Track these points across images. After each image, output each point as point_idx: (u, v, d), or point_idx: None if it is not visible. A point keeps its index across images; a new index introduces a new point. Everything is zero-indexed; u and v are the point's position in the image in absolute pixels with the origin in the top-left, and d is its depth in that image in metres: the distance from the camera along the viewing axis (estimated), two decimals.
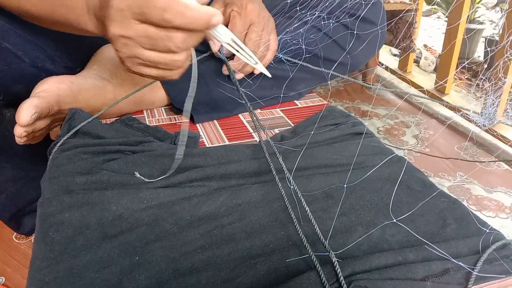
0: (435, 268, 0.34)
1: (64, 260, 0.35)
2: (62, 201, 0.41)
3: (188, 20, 0.37)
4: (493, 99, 0.45)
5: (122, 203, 0.41)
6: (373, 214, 0.42)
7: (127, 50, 0.40)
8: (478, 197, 0.97)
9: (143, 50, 0.39)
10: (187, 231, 0.39)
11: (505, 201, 0.95)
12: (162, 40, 0.38)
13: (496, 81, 0.45)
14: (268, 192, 0.45)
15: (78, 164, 0.46)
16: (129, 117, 0.60)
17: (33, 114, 0.50)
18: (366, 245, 0.38)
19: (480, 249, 0.37)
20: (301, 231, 0.38)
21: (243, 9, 0.62)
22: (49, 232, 0.38)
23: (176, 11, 0.36)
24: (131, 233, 0.39)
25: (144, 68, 0.42)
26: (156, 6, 0.36)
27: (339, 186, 0.46)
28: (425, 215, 0.42)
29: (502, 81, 0.45)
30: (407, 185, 0.46)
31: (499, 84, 0.46)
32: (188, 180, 0.45)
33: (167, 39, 0.38)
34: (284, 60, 0.68)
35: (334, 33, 0.72)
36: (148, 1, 0.36)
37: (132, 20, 0.38)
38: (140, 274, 0.34)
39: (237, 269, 0.35)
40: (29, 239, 0.80)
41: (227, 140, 0.61)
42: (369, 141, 0.56)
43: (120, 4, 0.37)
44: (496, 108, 0.46)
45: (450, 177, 1.04)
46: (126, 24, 0.38)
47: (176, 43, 0.38)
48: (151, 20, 0.37)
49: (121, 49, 0.40)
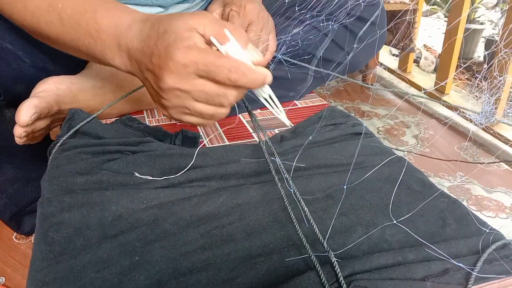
0: (435, 268, 0.34)
1: (64, 260, 0.35)
2: (62, 201, 0.41)
3: (249, 80, 0.37)
4: (489, 97, 0.45)
5: (122, 203, 0.41)
6: (373, 214, 0.42)
7: (179, 101, 0.40)
8: (478, 197, 0.97)
9: (195, 102, 0.39)
10: (187, 231, 0.39)
11: (505, 201, 0.95)
12: (218, 96, 0.39)
13: (492, 80, 0.45)
14: (268, 192, 0.45)
15: (78, 164, 0.46)
16: (129, 117, 0.60)
17: (32, 114, 0.50)
18: (366, 245, 0.38)
19: (480, 249, 0.37)
20: (300, 231, 0.38)
21: (242, 8, 0.62)
22: (49, 232, 0.38)
23: (241, 72, 0.37)
24: (131, 233, 0.39)
25: (188, 117, 0.42)
26: (224, 66, 0.36)
27: (339, 186, 0.46)
28: (425, 215, 0.42)
29: (497, 80, 0.45)
30: (407, 185, 0.46)
31: (494, 83, 0.46)
32: (188, 180, 0.45)
33: (223, 95, 0.38)
34: (283, 60, 0.68)
35: (333, 33, 0.72)
36: (216, 61, 0.37)
37: (193, 75, 0.38)
38: (140, 274, 0.34)
39: (237, 269, 0.35)
40: (29, 239, 0.80)
41: (227, 140, 0.61)
42: (369, 141, 0.56)
43: (185, 58, 0.37)
44: (493, 106, 0.46)
45: (450, 177, 1.04)
46: (185, 78, 0.38)
47: (229, 100, 0.39)
48: (214, 79, 0.37)
49: (171, 99, 0.40)
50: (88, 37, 0.44)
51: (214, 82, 0.38)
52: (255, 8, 0.63)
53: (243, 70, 0.37)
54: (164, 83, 0.38)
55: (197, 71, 0.37)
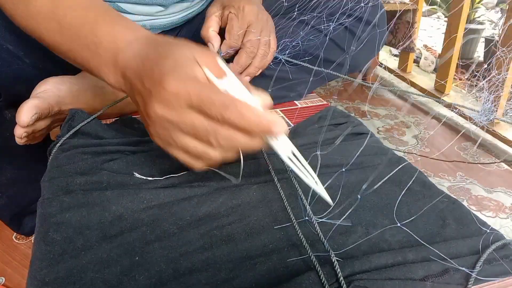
0: (434, 268, 0.34)
1: (64, 260, 0.35)
2: (62, 202, 0.41)
3: (245, 122, 0.33)
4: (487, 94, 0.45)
5: (122, 203, 0.41)
6: (373, 215, 0.42)
7: (165, 132, 0.36)
8: (478, 197, 0.97)
9: (181, 135, 0.36)
10: (187, 231, 0.39)
11: (505, 201, 0.95)
12: (206, 132, 0.35)
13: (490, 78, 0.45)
14: (268, 193, 0.45)
15: (78, 165, 0.46)
16: (129, 118, 0.60)
17: (33, 115, 0.50)
18: (366, 245, 0.38)
19: (480, 249, 0.37)
20: (300, 231, 0.38)
21: (241, 10, 0.62)
22: (49, 233, 0.38)
23: (237, 111, 0.33)
24: (131, 233, 0.39)
25: (173, 149, 0.38)
26: (219, 101, 0.33)
27: (338, 186, 0.45)
28: (425, 215, 0.42)
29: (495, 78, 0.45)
30: (406, 185, 0.46)
31: (492, 81, 0.46)
32: (188, 181, 0.46)
33: (212, 132, 0.35)
34: (283, 61, 0.68)
35: (334, 35, 0.72)
36: (211, 95, 0.34)
37: (184, 106, 0.34)
38: (140, 274, 0.34)
39: (237, 269, 0.35)
40: (29, 239, 0.80)
41: None
42: (369, 141, 0.56)
43: (177, 88, 0.34)
44: (491, 105, 0.46)
45: (450, 177, 1.04)
46: (175, 109, 0.35)
47: (219, 140, 0.35)
48: (206, 113, 0.34)
49: (157, 129, 0.37)
50: (86, 50, 0.42)
51: (206, 117, 0.34)
52: (254, 9, 0.63)
53: (239, 108, 0.33)
54: (152, 111, 0.36)
55: (189, 102, 0.34)
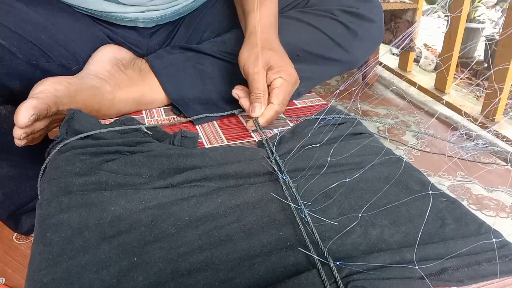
0: (432, 267, 0.34)
1: (63, 261, 0.35)
2: (61, 202, 0.41)
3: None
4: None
5: (121, 203, 0.41)
6: (372, 214, 0.42)
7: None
8: (478, 196, 0.97)
9: None
10: (185, 231, 0.39)
11: (506, 200, 0.95)
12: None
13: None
14: (267, 193, 0.45)
15: (77, 165, 0.46)
16: (128, 118, 0.60)
17: (31, 115, 0.50)
18: (364, 245, 0.38)
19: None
20: (299, 231, 0.38)
21: (289, 75, 0.60)
22: (48, 233, 0.38)
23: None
24: (130, 234, 0.39)
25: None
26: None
27: (338, 186, 0.45)
28: (423, 215, 0.42)
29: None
30: (405, 185, 0.46)
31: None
32: (187, 181, 0.45)
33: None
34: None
35: (331, 31, 0.72)
36: None
37: None
38: (138, 275, 0.34)
39: (236, 270, 0.35)
40: (29, 239, 0.80)
41: (226, 140, 0.61)
42: (368, 141, 0.56)
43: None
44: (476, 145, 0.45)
45: (450, 177, 1.04)
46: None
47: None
48: None
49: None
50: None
51: None
52: (295, 72, 0.62)
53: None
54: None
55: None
